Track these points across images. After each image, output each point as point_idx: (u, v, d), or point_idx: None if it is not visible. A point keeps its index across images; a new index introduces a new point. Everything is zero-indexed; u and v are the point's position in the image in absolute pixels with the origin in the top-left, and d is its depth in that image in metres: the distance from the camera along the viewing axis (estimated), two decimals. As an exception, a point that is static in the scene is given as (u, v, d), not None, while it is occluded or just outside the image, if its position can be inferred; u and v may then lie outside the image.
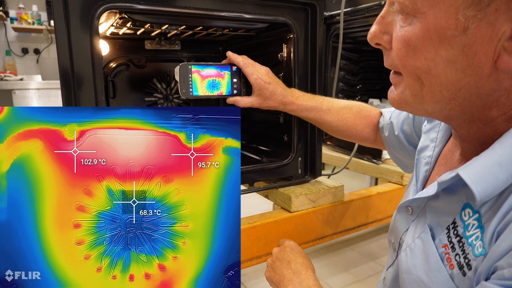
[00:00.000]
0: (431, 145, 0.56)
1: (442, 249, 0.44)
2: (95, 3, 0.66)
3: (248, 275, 1.70)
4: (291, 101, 0.81)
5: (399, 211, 0.55)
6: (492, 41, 0.35)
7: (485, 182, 0.38)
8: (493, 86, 0.38)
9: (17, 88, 2.52)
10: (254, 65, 0.81)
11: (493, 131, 0.42)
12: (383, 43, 0.44)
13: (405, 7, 0.39)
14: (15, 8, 3.18)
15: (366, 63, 1.60)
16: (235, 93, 0.83)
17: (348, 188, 1.02)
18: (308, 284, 0.59)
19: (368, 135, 0.83)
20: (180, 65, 0.78)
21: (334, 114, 0.83)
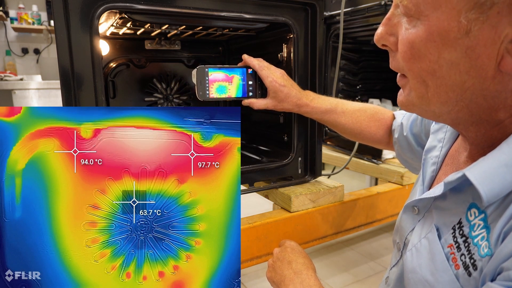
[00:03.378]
0: (438, 145, 0.56)
1: (448, 249, 0.44)
2: (95, 3, 0.66)
3: (248, 275, 1.70)
4: (305, 103, 0.82)
5: (405, 210, 0.55)
6: (495, 43, 0.35)
7: (491, 182, 0.38)
8: (498, 88, 0.38)
9: (17, 88, 2.52)
10: (269, 68, 0.82)
11: (501, 133, 0.42)
12: (389, 44, 0.45)
13: (409, 10, 0.39)
14: (15, 8, 3.18)
15: (366, 63, 1.60)
16: (250, 95, 0.85)
17: (348, 188, 1.02)
18: (309, 284, 0.59)
19: (382, 137, 0.84)
20: (197, 68, 0.79)
21: (348, 116, 0.83)
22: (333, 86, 1.10)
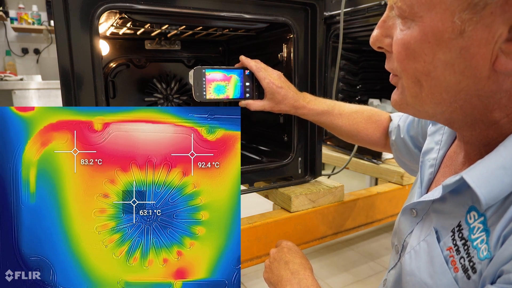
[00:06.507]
0: (435, 147, 0.56)
1: (447, 252, 0.44)
2: (95, 3, 0.66)
3: (248, 275, 1.70)
4: (302, 105, 0.82)
5: (403, 213, 0.55)
6: (489, 43, 0.35)
7: (490, 185, 0.38)
8: (493, 88, 0.38)
9: (17, 88, 2.52)
10: (266, 70, 0.82)
11: (497, 133, 0.42)
12: (385, 46, 0.45)
13: (403, 11, 0.39)
14: (15, 8, 3.18)
15: (366, 63, 1.60)
16: (247, 96, 0.85)
17: (348, 188, 1.02)
18: (306, 284, 0.59)
19: (378, 139, 0.84)
20: (194, 69, 0.79)
21: (345, 118, 0.83)
22: (333, 86, 1.10)
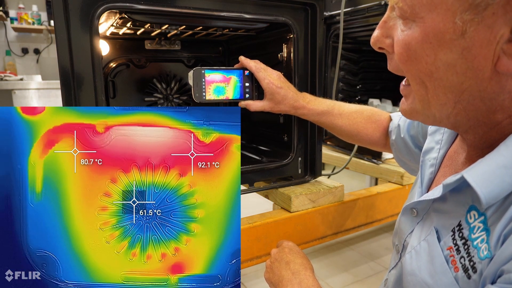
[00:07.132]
0: (436, 147, 0.56)
1: (447, 252, 0.44)
2: (95, 3, 0.66)
3: (248, 275, 1.70)
4: (302, 105, 0.82)
5: (403, 213, 0.55)
6: (491, 44, 0.35)
7: (490, 184, 0.38)
8: (495, 89, 0.38)
9: (17, 88, 2.52)
10: (266, 70, 0.82)
11: (499, 134, 0.42)
12: (385, 47, 0.45)
13: (404, 12, 0.39)
14: (15, 8, 3.18)
15: (366, 63, 1.60)
16: (247, 97, 0.85)
17: (348, 188, 1.02)
18: (307, 285, 0.59)
19: (378, 139, 0.84)
20: (193, 69, 0.79)
21: (345, 118, 0.83)
22: (333, 86, 1.10)
